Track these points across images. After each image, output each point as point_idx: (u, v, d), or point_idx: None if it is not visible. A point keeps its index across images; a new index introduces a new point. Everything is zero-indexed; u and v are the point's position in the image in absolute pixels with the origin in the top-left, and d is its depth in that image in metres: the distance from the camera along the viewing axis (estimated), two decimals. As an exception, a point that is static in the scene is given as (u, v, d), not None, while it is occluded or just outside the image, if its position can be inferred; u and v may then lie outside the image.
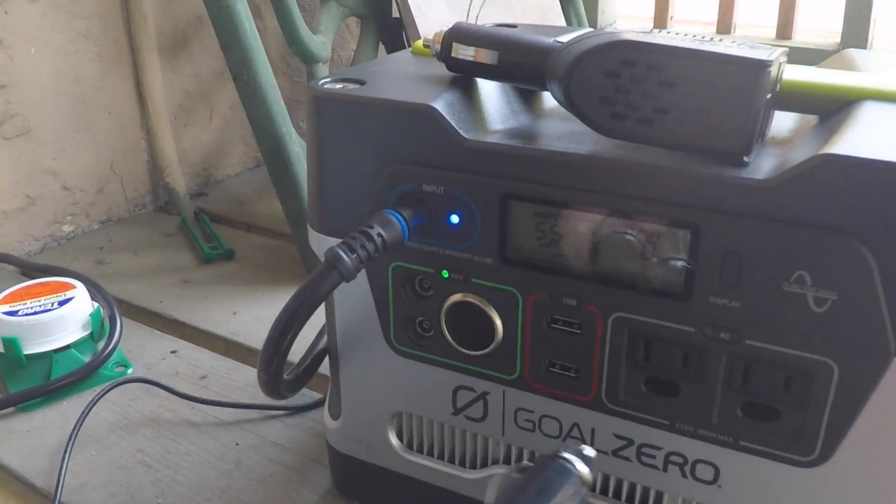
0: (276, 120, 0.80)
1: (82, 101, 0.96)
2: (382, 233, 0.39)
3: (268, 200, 1.08)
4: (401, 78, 0.46)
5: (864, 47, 1.52)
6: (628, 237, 0.38)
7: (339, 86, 0.45)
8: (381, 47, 1.00)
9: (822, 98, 0.42)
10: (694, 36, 0.40)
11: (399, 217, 0.40)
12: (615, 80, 0.38)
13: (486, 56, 0.43)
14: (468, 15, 1.00)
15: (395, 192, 0.43)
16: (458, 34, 0.44)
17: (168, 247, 0.95)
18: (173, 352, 0.73)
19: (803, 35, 1.65)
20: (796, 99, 0.43)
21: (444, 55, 0.45)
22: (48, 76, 0.92)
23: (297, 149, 0.81)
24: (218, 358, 0.72)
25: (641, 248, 0.38)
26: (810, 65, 0.48)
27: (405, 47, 0.95)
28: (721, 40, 0.40)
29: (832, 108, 0.42)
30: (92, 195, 0.99)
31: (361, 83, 0.45)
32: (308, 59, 0.87)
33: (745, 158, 0.36)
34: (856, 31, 1.52)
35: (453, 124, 0.41)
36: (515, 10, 1.09)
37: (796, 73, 0.44)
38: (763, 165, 0.37)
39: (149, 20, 0.99)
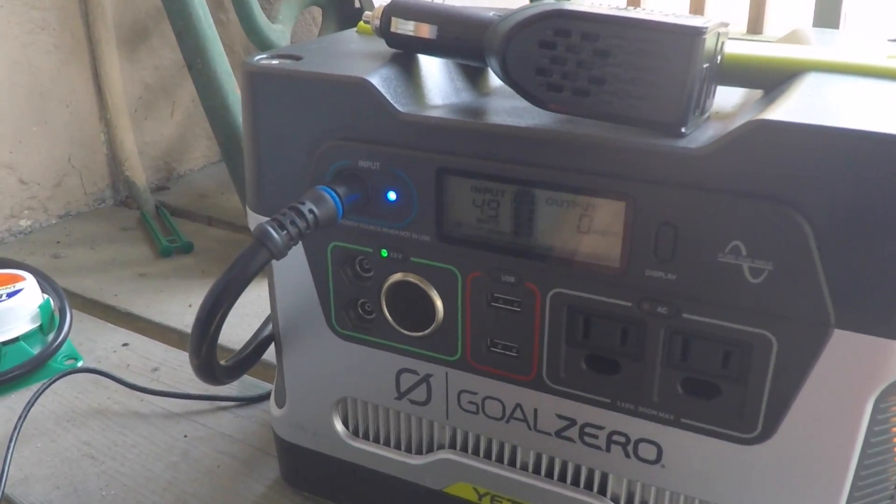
0: (231, 109, 0.78)
1: (39, 94, 0.94)
2: (314, 209, 0.38)
3: (230, 194, 1.07)
4: (339, 54, 0.45)
5: (834, 40, 1.52)
6: (564, 211, 0.37)
7: (275, 62, 0.44)
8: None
9: (766, 71, 0.42)
10: (631, 8, 0.39)
11: (333, 193, 0.39)
12: (550, 50, 0.37)
13: (424, 30, 0.43)
14: (431, 5, 0.99)
15: (330, 169, 0.41)
16: (396, 8, 0.43)
17: (126, 241, 0.93)
18: (125, 344, 0.71)
19: (774, 30, 1.66)
20: (739, 72, 0.42)
21: (384, 30, 0.44)
22: (4, 68, 0.90)
23: (255, 138, 0.80)
24: (171, 350, 0.70)
25: (577, 222, 0.37)
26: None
27: (367, 37, 0.94)
28: (659, 12, 0.39)
29: (777, 82, 0.41)
30: (49, 189, 0.97)
31: (298, 59, 0.44)
32: (266, 48, 0.86)
33: (683, 129, 0.36)
34: (826, 25, 1.52)
35: (388, 98, 0.40)
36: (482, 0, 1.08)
37: (740, 47, 0.43)
38: (700, 137, 0.36)
39: (107, 11, 0.97)
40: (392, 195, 0.41)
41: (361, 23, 0.50)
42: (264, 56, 0.44)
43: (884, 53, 0.43)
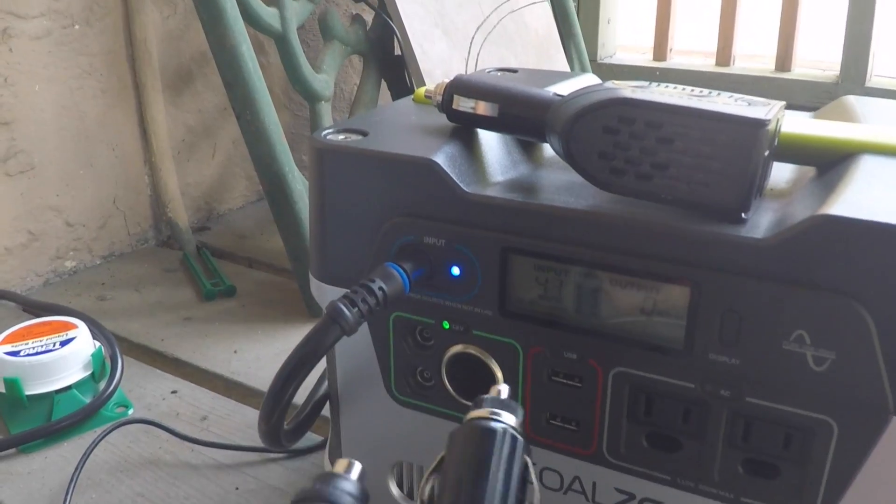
0: (278, 159, 0.80)
1: (85, 137, 0.96)
2: (384, 286, 0.39)
3: (269, 235, 1.08)
4: (403, 129, 0.47)
5: (864, 81, 1.53)
6: (628, 293, 0.38)
7: (341, 136, 0.45)
8: (384, 84, 1.01)
9: (819, 151, 0.43)
10: (692, 91, 0.40)
11: (400, 270, 0.41)
12: (614, 136, 0.38)
13: (486, 109, 0.44)
14: (469, 52, 1.01)
15: (396, 244, 0.43)
16: (458, 86, 0.45)
17: (170, 283, 0.95)
18: (174, 392, 0.73)
19: (803, 66, 1.66)
20: (794, 151, 0.43)
21: (445, 107, 0.45)
22: (52, 113, 0.92)
23: (300, 186, 0.82)
24: (218, 398, 0.72)
25: (641, 304, 0.38)
26: (809, 106, 0.48)
27: (407, 84, 0.96)
28: (718, 95, 0.40)
29: (830, 161, 0.42)
30: (94, 230, 1.00)
31: (364, 134, 0.45)
32: (311, 97, 0.88)
33: (744, 215, 0.37)
34: (855, 64, 1.53)
35: (454, 177, 0.41)
36: (516, 46, 1.10)
37: (795, 125, 0.44)
38: (761, 221, 0.37)
39: (153, 57, 1.00)
40: (456, 270, 0.42)
41: (419, 92, 0.52)
42: (330, 130, 0.46)
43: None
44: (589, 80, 0.57)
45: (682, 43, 1.85)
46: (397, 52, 0.98)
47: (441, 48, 0.96)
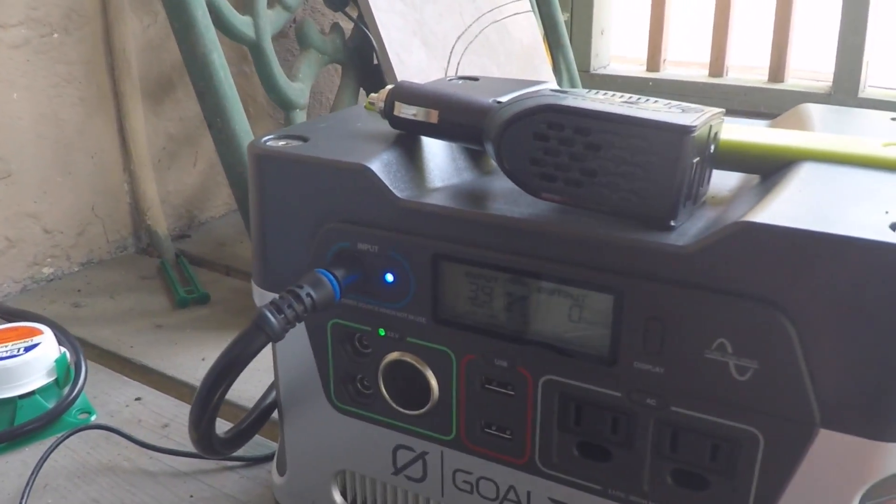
0: (249, 166, 0.80)
1: (64, 145, 0.96)
2: (312, 293, 0.39)
3: (249, 243, 1.08)
4: (345, 136, 0.46)
5: (856, 92, 1.52)
6: (555, 300, 0.38)
7: (282, 143, 0.45)
8: (362, 93, 1.01)
9: (762, 158, 0.42)
10: (627, 98, 0.40)
11: (331, 276, 0.40)
12: (544, 142, 0.38)
13: (426, 115, 0.44)
14: (448, 62, 1.01)
15: (331, 250, 0.43)
16: (400, 93, 0.45)
17: (145, 290, 0.95)
18: (138, 399, 0.72)
19: (796, 77, 1.66)
20: (736, 159, 0.43)
21: (387, 113, 0.45)
22: (31, 120, 0.93)
23: (271, 195, 0.81)
24: (182, 406, 0.71)
25: (568, 312, 0.37)
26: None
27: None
28: (654, 102, 0.40)
29: (773, 168, 0.42)
30: (73, 237, 1.00)
31: (304, 140, 0.45)
32: (286, 105, 0.88)
33: (672, 223, 0.36)
34: (847, 75, 1.52)
35: (388, 184, 0.41)
36: (499, 56, 1.10)
37: (740, 133, 0.44)
38: (690, 230, 0.36)
39: (133, 65, 1.00)
40: (389, 277, 0.42)
41: (368, 98, 0.52)
42: (272, 136, 0.46)
43: (881, 140, 0.43)
44: (545, 87, 0.57)
45: (676, 53, 1.85)
46: (376, 62, 0.98)
47: (419, 58, 0.96)
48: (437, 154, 0.46)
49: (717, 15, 1.69)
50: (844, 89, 1.53)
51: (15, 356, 0.69)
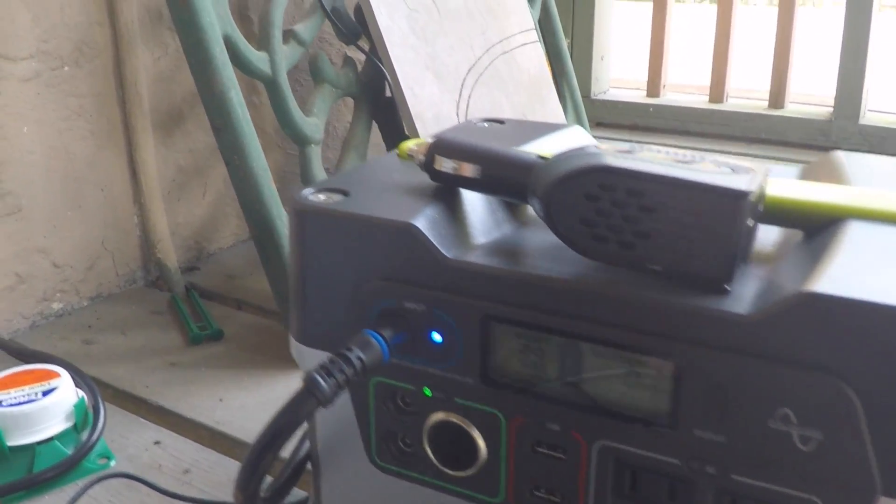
0: (266, 203, 0.80)
1: (74, 179, 0.96)
2: (361, 356, 0.39)
3: (259, 275, 1.07)
4: (385, 189, 0.46)
5: (857, 117, 1.53)
6: (611, 365, 0.37)
7: (322, 196, 0.45)
8: (375, 125, 1.01)
9: (806, 215, 0.42)
10: (676, 155, 0.40)
11: (379, 338, 0.40)
12: (595, 203, 0.38)
13: (468, 170, 0.43)
14: (460, 94, 1.01)
15: (376, 308, 0.42)
16: (440, 147, 0.44)
17: (157, 326, 0.94)
18: (157, 442, 0.71)
19: (796, 101, 1.66)
20: (780, 215, 0.43)
21: (428, 167, 0.45)
22: (40, 154, 0.92)
23: (287, 231, 0.81)
24: (202, 450, 0.70)
25: (624, 377, 0.37)
26: (801, 143, 0.48)
27: (398, 126, 0.96)
28: (703, 160, 0.40)
29: (816, 225, 0.42)
30: (82, 272, 0.99)
31: (345, 194, 0.45)
32: (301, 141, 0.88)
33: (727, 286, 0.36)
34: (848, 100, 1.53)
35: (434, 242, 0.41)
36: (508, 87, 1.10)
37: (781, 188, 0.43)
38: (745, 293, 0.36)
39: (144, 99, 0.99)
40: (437, 336, 0.41)
41: (402, 146, 0.52)
42: (312, 190, 0.45)
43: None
44: (575, 134, 0.57)
45: (676, 77, 1.86)
46: (388, 94, 0.98)
47: (432, 91, 0.96)
48: (477, 207, 0.45)
49: (718, 41, 1.70)
50: (845, 115, 1.54)
51: (33, 401, 0.68)
